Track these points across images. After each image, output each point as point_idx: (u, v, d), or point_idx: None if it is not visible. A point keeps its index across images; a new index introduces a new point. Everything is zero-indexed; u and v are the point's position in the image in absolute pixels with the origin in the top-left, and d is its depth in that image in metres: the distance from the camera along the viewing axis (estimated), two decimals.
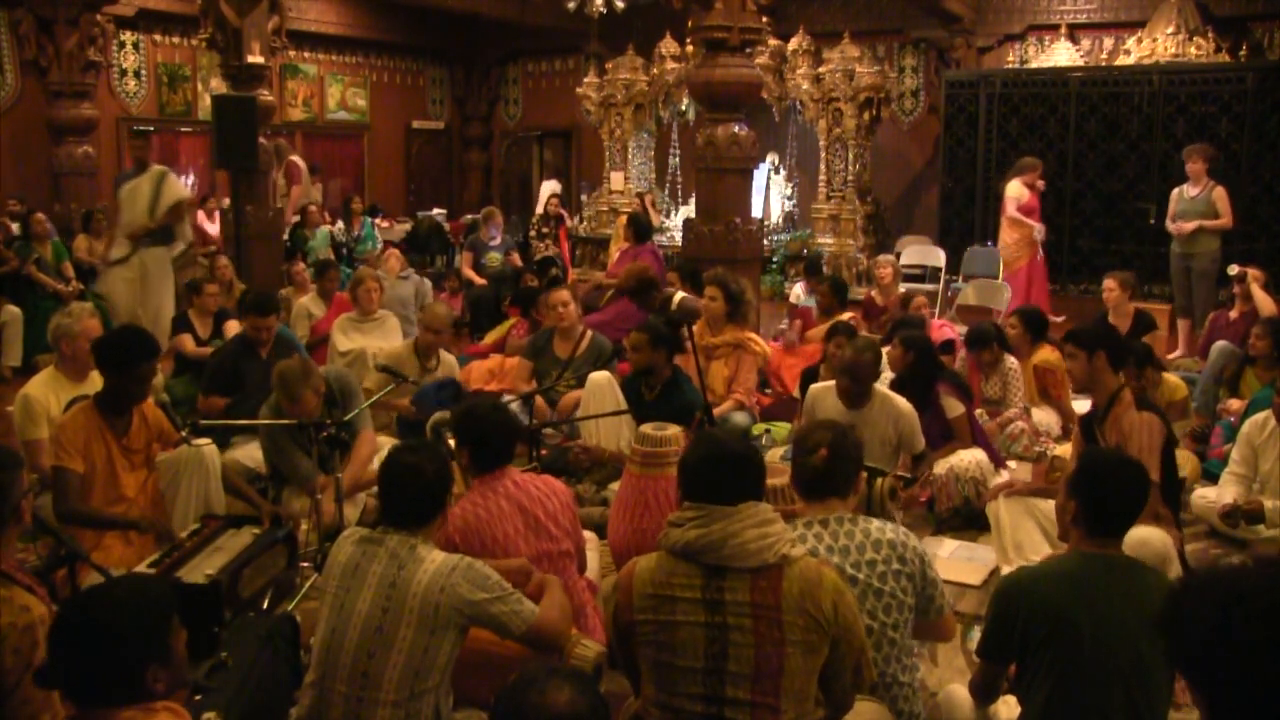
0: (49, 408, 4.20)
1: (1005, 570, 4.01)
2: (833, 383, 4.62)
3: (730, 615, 2.21)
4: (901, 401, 4.48)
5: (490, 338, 7.53)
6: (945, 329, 6.90)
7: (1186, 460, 4.95)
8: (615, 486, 4.36)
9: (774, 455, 5.05)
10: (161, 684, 1.86)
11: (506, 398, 5.77)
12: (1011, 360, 5.62)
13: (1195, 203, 7.96)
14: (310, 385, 4.15)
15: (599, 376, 5.04)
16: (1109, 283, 6.74)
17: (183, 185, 7.61)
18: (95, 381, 4.24)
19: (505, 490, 3.13)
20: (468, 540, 2.99)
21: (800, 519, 2.65)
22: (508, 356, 6.72)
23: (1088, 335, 3.98)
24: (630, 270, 6.93)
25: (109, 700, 1.82)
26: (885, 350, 5.14)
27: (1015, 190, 8.67)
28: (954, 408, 4.78)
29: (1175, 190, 8.20)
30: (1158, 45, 10.46)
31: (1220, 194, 7.92)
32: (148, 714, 1.86)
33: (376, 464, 4.34)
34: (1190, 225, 7.86)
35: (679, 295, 6.30)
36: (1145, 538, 3.40)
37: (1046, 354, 5.93)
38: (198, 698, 2.55)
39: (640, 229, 8.10)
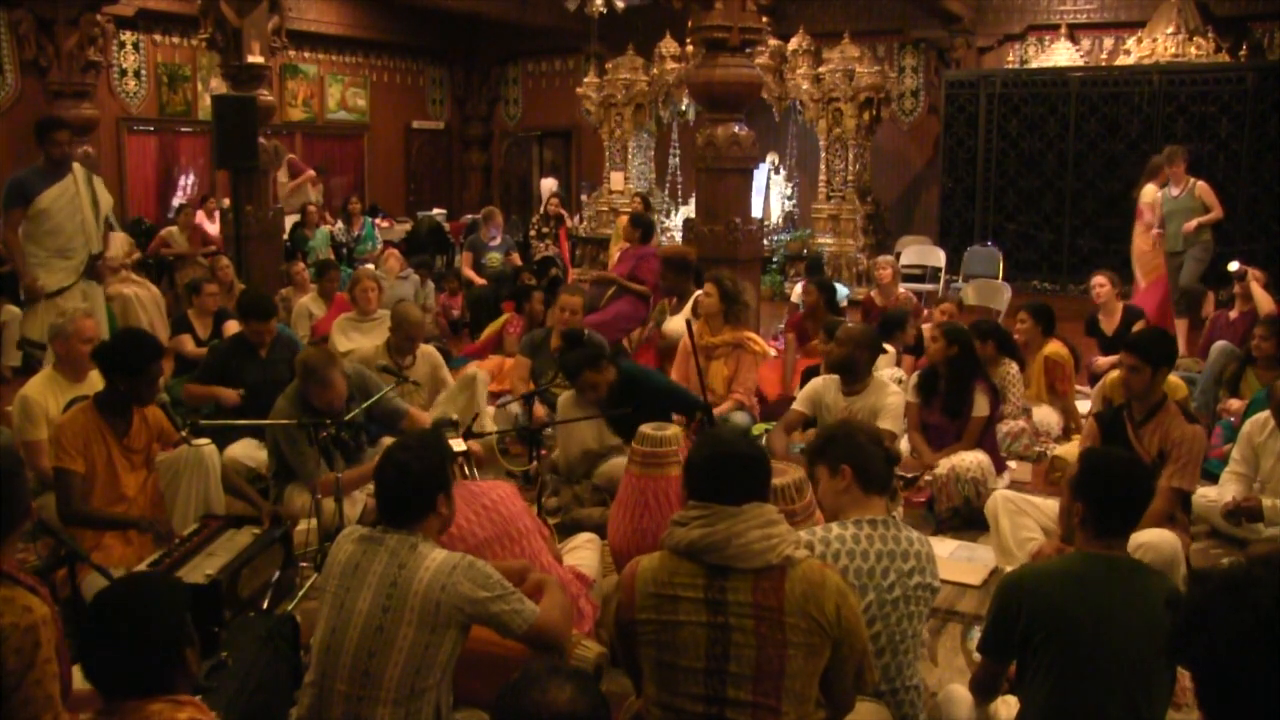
0: (47, 409, 4.20)
1: (1005, 569, 4.01)
2: (834, 376, 4.67)
3: (732, 616, 2.21)
4: (895, 390, 4.53)
5: (485, 333, 7.47)
6: None
7: None
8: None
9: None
10: (195, 666, 1.98)
11: (504, 399, 5.78)
12: (1011, 365, 5.62)
13: (1180, 201, 8.00)
14: (338, 367, 4.19)
15: (566, 398, 4.95)
16: (1099, 279, 6.74)
17: None
18: (94, 382, 4.24)
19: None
20: None
21: (850, 518, 2.66)
22: (507, 357, 6.68)
23: (1154, 350, 3.86)
24: (678, 248, 6.85)
25: (144, 689, 1.89)
26: (930, 343, 5.15)
27: (1151, 196, 8.04)
28: (981, 407, 4.81)
29: (1160, 194, 8.22)
30: (1158, 45, 10.47)
31: (1203, 188, 7.98)
32: (175, 707, 1.90)
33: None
34: (1191, 224, 7.88)
35: (698, 292, 6.30)
36: (1156, 543, 3.41)
37: (1056, 347, 5.94)
38: (198, 698, 2.55)
39: (647, 228, 8.06)
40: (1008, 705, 2.65)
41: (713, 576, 2.23)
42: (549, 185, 13.40)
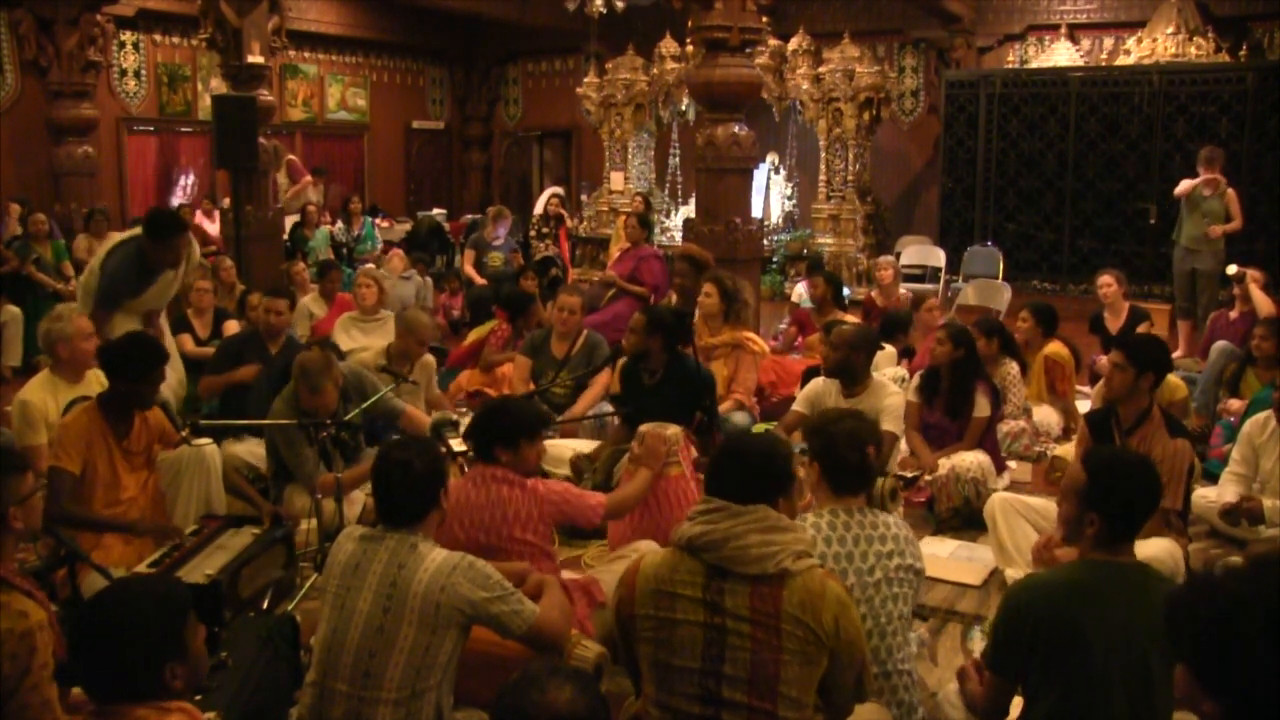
0: (47, 412, 4.17)
1: (1004, 571, 4.01)
2: (833, 380, 4.66)
3: (729, 619, 2.20)
4: (895, 391, 4.52)
5: (471, 336, 7.17)
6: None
7: None
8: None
9: None
10: (180, 681, 1.90)
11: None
12: (1012, 365, 5.62)
13: (1210, 203, 7.95)
14: (330, 377, 4.18)
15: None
16: (1106, 278, 6.73)
17: None
18: (91, 382, 4.25)
19: (473, 483, 3.24)
20: None
21: (825, 507, 2.67)
22: (481, 369, 6.39)
23: (1143, 353, 3.83)
24: (700, 250, 6.79)
25: (128, 696, 1.87)
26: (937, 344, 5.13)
27: None
28: (982, 408, 4.81)
29: (1187, 185, 8.14)
30: (1158, 45, 10.47)
31: (1232, 195, 7.95)
32: (161, 713, 1.88)
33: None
34: (1217, 230, 7.86)
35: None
36: (1157, 555, 3.39)
37: (1057, 347, 5.95)
38: (198, 698, 2.55)
39: (650, 228, 8.04)
40: None
41: (711, 577, 2.23)
42: (551, 191, 13.38)
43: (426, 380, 5.51)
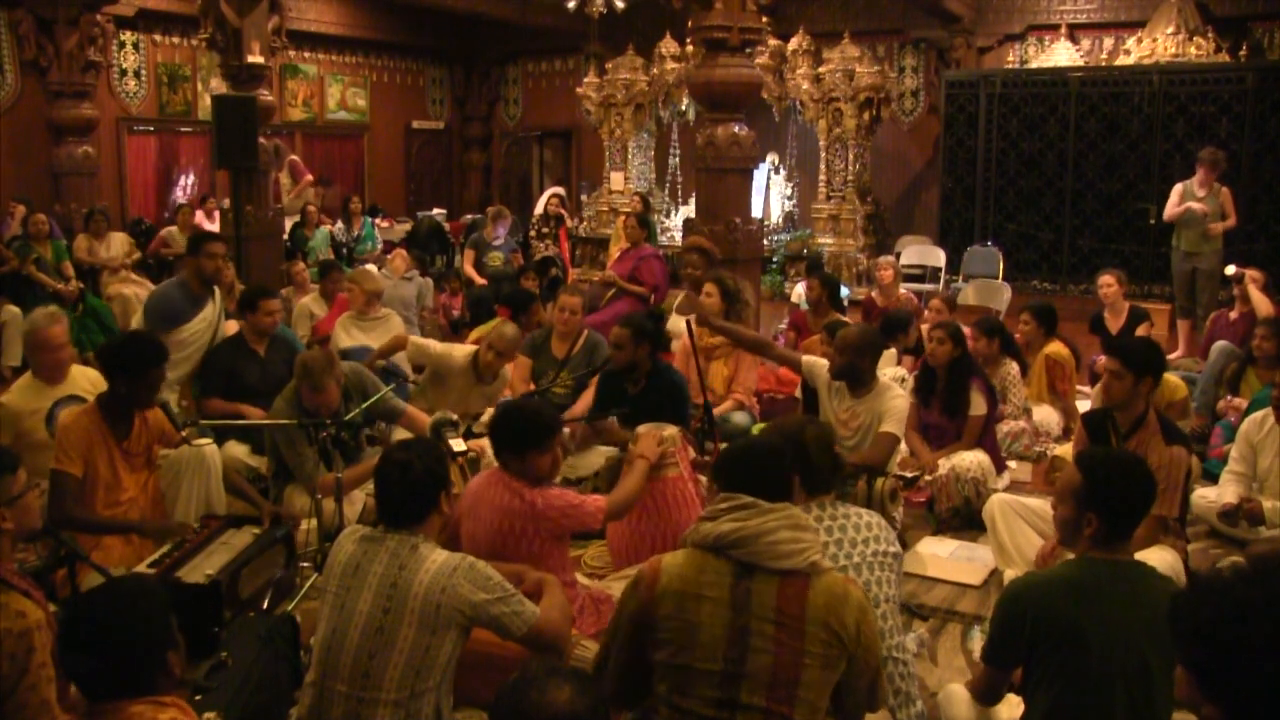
0: (24, 418, 4.16)
1: (1004, 571, 4.01)
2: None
3: (754, 619, 2.20)
4: (899, 394, 4.52)
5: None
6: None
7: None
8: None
9: None
10: (178, 668, 1.96)
11: (505, 401, 5.75)
12: (1012, 365, 5.62)
13: (1204, 202, 7.96)
14: (333, 375, 4.20)
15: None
16: (1107, 278, 6.74)
17: None
18: (74, 380, 4.26)
19: (490, 481, 3.26)
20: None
21: (798, 505, 2.69)
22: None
23: (1140, 359, 3.79)
24: (711, 243, 6.79)
25: (126, 692, 1.88)
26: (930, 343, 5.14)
27: None
28: (978, 406, 4.82)
29: (1180, 185, 8.16)
30: (1158, 45, 10.47)
31: (1226, 194, 7.97)
32: (157, 709, 1.89)
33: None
34: (1218, 227, 7.88)
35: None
36: (1155, 564, 3.39)
37: (1057, 347, 5.95)
38: (198, 698, 2.56)
39: (651, 229, 8.04)
40: (1009, 705, 2.64)
41: (739, 576, 2.23)
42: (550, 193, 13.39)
43: (500, 388, 5.52)
